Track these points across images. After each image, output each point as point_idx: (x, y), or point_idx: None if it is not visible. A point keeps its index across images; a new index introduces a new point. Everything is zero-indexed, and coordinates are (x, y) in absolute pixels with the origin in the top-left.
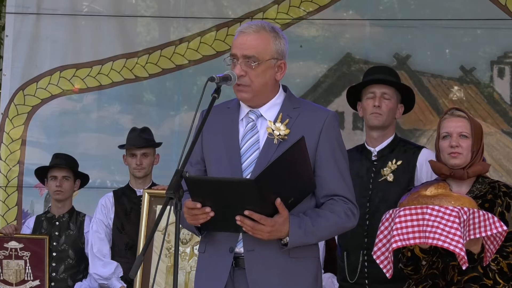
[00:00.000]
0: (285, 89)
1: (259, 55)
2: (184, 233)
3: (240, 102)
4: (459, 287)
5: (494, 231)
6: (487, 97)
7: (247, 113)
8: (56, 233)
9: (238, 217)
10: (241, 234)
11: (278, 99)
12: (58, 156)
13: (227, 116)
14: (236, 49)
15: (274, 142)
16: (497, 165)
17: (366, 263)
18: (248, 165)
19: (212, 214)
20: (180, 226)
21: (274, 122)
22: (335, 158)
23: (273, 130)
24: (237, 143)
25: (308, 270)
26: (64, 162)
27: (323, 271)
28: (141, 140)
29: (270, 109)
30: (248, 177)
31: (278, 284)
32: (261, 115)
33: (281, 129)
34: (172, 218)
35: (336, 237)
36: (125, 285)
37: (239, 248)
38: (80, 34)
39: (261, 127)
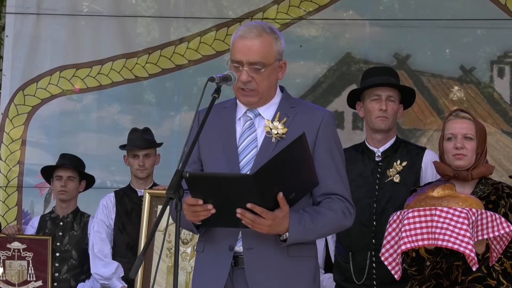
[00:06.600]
0: (282, 89)
1: (265, 60)
2: (185, 233)
3: (237, 101)
4: (463, 287)
5: (502, 231)
6: (487, 97)
7: (245, 112)
8: (60, 233)
9: (239, 210)
10: (240, 232)
11: (276, 99)
12: (65, 156)
13: (224, 116)
14: (240, 55)
15: (272, 140)
16: (497, 165)
17: (374, 264)
18: (246, 163)
19: (213, 211)
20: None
21: (272, 121)
22: (332, 157)
23: (271, 129)
24: (235, 141)
25: (306, 270)
26: (70, 163)
27: (323, 271)
28: (143, 141)
29: (268, 108)
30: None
31: (277, 283)
32: (259, 114)
33: (279, 128)
34: None
35: (335, 237)
36: (126, 285)
37: (239, 247)
38: (80, 34)
39: (259, 125)
